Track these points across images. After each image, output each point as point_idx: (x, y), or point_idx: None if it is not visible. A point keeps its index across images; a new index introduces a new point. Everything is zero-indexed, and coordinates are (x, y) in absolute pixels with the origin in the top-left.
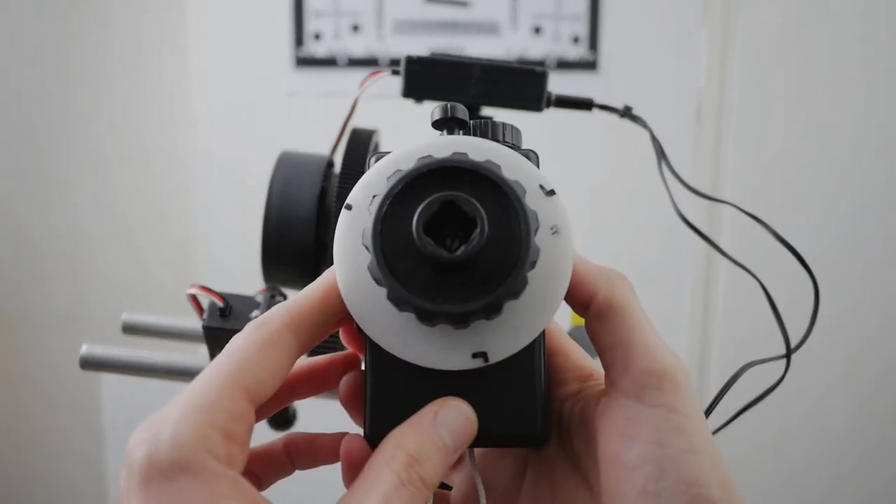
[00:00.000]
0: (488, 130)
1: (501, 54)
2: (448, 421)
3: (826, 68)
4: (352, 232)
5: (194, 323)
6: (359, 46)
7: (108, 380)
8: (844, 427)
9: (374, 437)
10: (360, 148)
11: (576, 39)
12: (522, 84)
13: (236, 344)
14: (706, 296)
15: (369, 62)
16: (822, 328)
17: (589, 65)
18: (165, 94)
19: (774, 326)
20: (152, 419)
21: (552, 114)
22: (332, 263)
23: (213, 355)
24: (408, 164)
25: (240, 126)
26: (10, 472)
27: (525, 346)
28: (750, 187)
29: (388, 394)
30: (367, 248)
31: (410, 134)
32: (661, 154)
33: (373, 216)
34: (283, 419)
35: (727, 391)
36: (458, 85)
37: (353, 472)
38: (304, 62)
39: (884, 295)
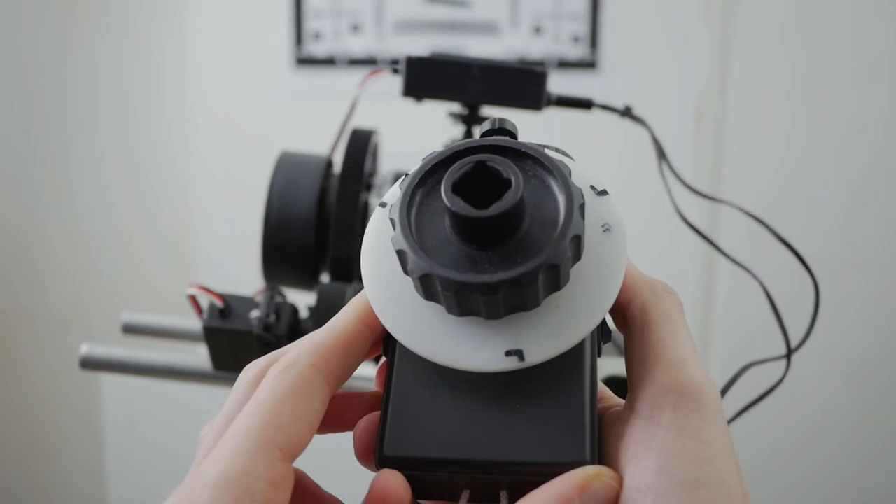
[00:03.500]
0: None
1: (501, 54)
2: (595, 499)
3: (826, 68)
4: (382, 227)
5: (194, 323)
6: (359, 46)
7: (108, 380)
8: (845, 427)
9: (389, 458)
10: (360, 148)
11: (576, 39)
12: (522, 83)
13: (263, 394)
14: (706, 296)
15: (369, 62)
16: (823, 328)
17: (589, 65)
18: (164, 93)
19: (775, 326)
20: (181, 494)
21: (552, 113)
22: (330, 263)
23: (213, 355)
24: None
25: (239, 126)
26: (9, 473)
27: (568, 348)
28: (750, 187)
29: (410, 409)
30: (392, 222)
31: (410, 134)
32: (661, 154)
33: (402, 189)
34: None
35: (727, 391)
36: (459, 84)
37: None
38: (304, 62)
39: (884, 294)
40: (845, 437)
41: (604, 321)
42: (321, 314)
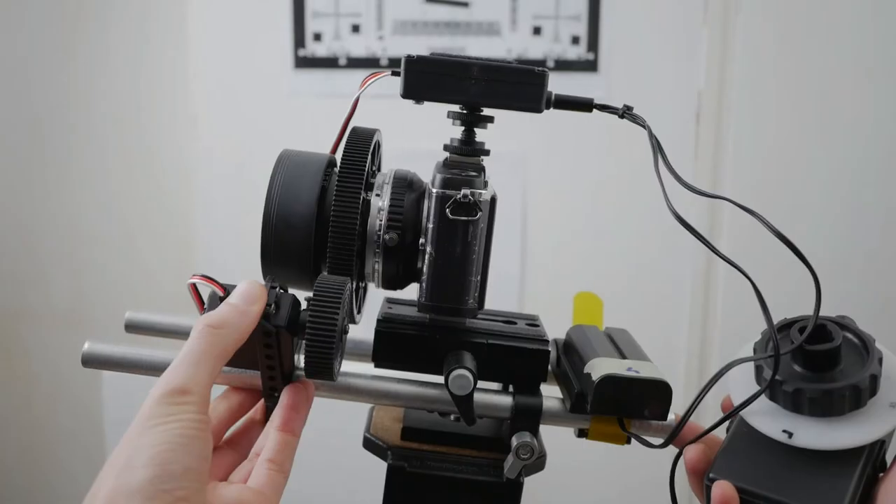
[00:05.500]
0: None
1: (501, 54)
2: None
3: (826, 68)
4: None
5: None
6: (359, 46)
7: (110, 378)
8: None
9: (715, 477)
10: (361, 147)
11: (576, 39)
12: (522, 84)
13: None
14: (706, 295)
15: (369, 62)
16: None
17: (589, 65)
18: (166, 93)
19: None
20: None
21: (552, 114)
22: (329, 263)
23: None
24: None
25: (240, 126)
26: (12, 470)
27: (830, 447)
28: (750, 187)
29: (739, 453)
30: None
31: (410, 134)
32: (656, 149)
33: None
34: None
35: (710, 388)
36: (458, 85)
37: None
38: (305, 62)
39: (884, 294)
40: None
41: (884, 454)
42: (319, 305)
